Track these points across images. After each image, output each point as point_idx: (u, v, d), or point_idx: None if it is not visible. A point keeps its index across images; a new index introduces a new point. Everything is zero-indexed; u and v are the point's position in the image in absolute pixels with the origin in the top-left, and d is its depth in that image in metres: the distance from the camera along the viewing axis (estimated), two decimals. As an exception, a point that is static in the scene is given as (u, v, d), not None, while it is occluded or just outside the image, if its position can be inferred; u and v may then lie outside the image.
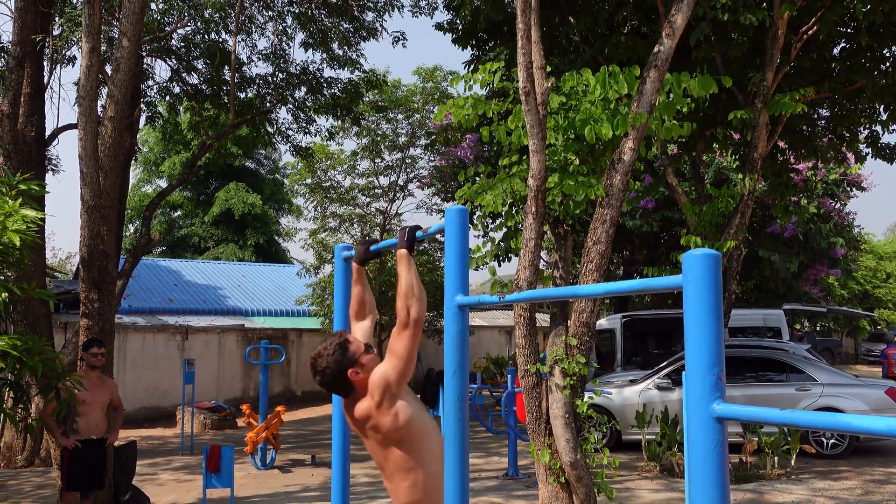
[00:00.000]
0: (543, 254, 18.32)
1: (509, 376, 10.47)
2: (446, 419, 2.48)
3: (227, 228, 34.15)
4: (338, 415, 3.55)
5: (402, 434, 2.91)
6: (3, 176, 5.94)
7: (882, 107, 11.15)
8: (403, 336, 2.90)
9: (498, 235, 12.66)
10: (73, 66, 13.32)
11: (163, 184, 35.94)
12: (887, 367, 22.01)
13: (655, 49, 5.66)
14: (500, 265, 15.28)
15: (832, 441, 10.96)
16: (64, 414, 6.41)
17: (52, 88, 12.58)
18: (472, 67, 11.76)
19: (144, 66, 13.59)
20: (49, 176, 12.56)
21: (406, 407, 2.93)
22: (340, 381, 2.98)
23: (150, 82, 15.08)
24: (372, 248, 3.22)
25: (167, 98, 15.54)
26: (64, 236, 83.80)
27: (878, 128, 11.61)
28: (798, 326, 34.66)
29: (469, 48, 11.96)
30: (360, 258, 3.24)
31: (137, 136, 13.82)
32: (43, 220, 6.10)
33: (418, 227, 2.95)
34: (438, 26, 12.05)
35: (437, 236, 2.89)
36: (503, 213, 6.27)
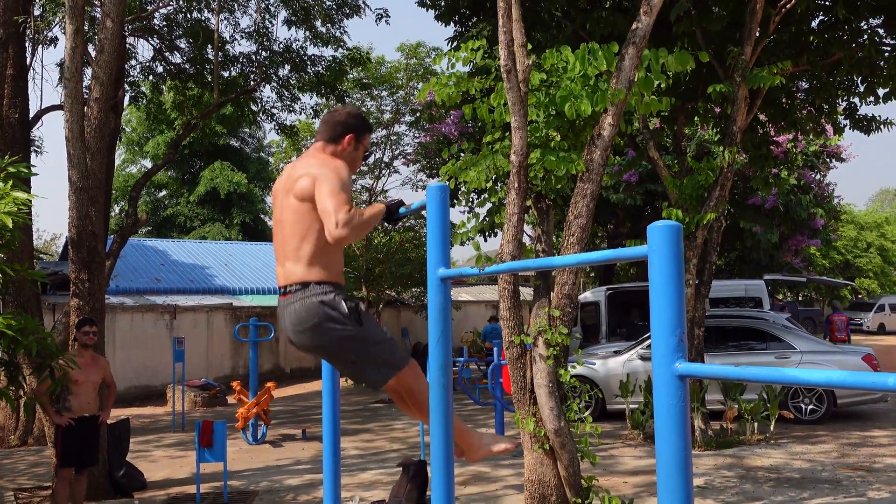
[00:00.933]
0: (527, 228, 18.47)
1: (495, 349, 10.65)
2: (432, 387, 2.63)
3: (212, 208, 34.09)
4: (328, 390, 3.68)
5: (313, 204, 2.94)
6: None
7: (859, 79, 11.32)
8: (326, 210, 2.87)
9: (482, 211, 12.80)
10: (54, 46, 13.28)
11: (147, 164, 35.78)
12: (830, 333, 22.49)
13: (633, 26, 5.77)
14: (485, 240, 15.41)
15: (810, 407, 11.25)
16: (58, 392, 6.53)
17: (34, 69, 12.55)
18: (454, 44, 11.82)
19: (127, 45, 13.54)
20: (33, 157, 12.55)
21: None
22: (341, 131, 3.17)
23: (133, 62, 15.03)
24: (401, 210, 3.20)
25: (150, 78, 15.49)
26: (48, 218, 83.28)
27: (856, 100, 11.78)
28: (780, 296, 35.10)
29: (452, 24, 12.00)
30: (394, 208, 3.18)
31: (121, 116, 13.80)
32: (30, 201, 6.17)
33: (402, 203, 3.07)
34: (421, 3, 12.05)
35: (423, 212, 2.94)
36: (487, 188, 6.40)
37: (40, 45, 13.04)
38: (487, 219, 7.14)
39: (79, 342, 6.88)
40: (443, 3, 11.71)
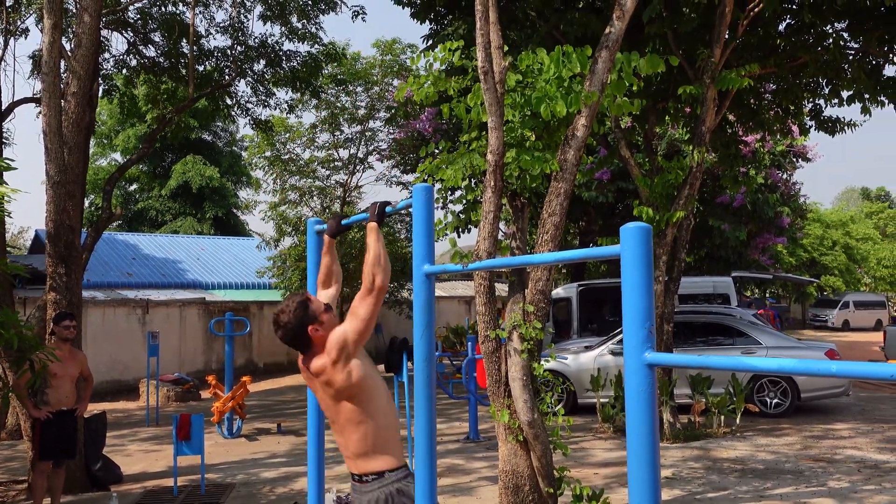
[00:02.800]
0: (502, 225, 18.66)
1: (469, 344, 10.81)
2: (416, 377, 2.76)
3: (184, 202, 33.89)
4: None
5: (354, 391, 3.13)
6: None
7: (825, 81, 11.63)
8: (366, 301, 3.12)
9: (457, 208, 12.94)
10: (25, 38, 13.18)
11: (117, 157, 35.46)
12: None
13: (607, 30, 5.94)
14: (459, 236, 15.56)
15: (775, 401, 11.55)
16: (38, 386, 6.57)
17: (5, 62, 12.46)
18: (430, 42, 11.93)
19: (101, 39, 13.47)
20: (5, 151, 12.45)
21: (360, 366, 3.15)
22: (300, 336, 3.20)
23: (107, 55, 14.94)
24: (343, 221, 3.45)
25: (124, 71, 15.41)
26: (16, 211, 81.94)
27: (821, 101, 12.10)
28: (747, 293, 35.69)
29: (427, 22, 12.11)
30: (332, 231, 3.47)
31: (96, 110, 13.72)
32: (6, 195, 6.20)
33: (388, 203, 3.20)
34: (397, 0, 12.15)
35: (401, 211, 3.12)
36: (463, 186, 6.54)
37: (12, 37, 12.94)
38: (462, 216, 7.27)
39: (58, 336, 6.91)
40: (418, 1, 11.81)
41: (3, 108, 12.02)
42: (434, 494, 2.72)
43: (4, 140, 14.66)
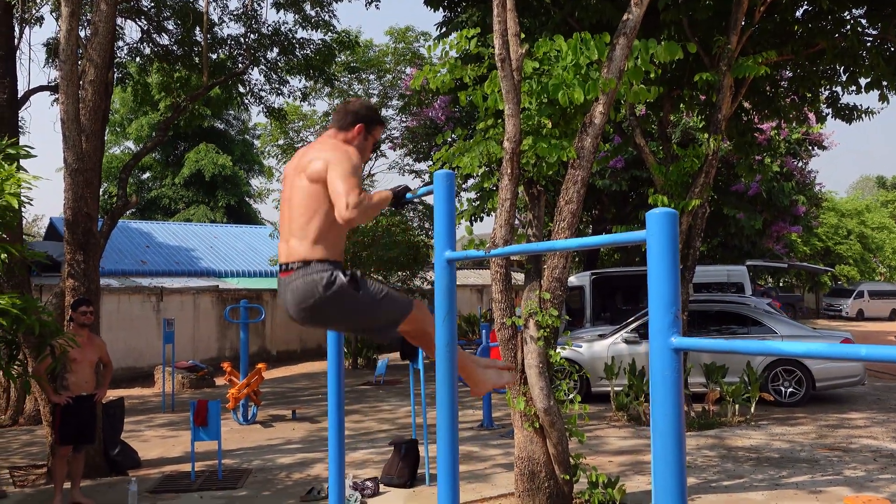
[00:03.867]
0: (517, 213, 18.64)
1: (483, 332, 10.83)
2: (438, 363, 2.77)
3: (197, 190, 34.01)
4: (333, 370, 3.81)
5: (324, 186, 3.09)
6: (-10, 140, 6.06)
7: (842, 68, 11.51)
8: (338, 195, 3.01)
9: (471, 196, 12.95)
10: (40, 26, 13.25)
11: (130, 145, 35.61)
12: None
13: (624, 17, 5.91)
14: (471, 224, 15.58)
15: (790, 390, 11.52)
16: (58, 371, 6.64)
17: (20, 50, 12.50)
18: (443, 29, 11.90)
19: (115, 27, 13.51)
20: (22, 138, 12.53)
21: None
22: (349, 121, 3.33)
23: (121, 43, 14.99)
24: (407, 195, 3.36)
25: (137, 59, 15.46)
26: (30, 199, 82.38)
27: (838, 89, 11.99)
28: (761, 282, 35.55)
29: (441, 9, 12.07)
30: (398, 200, 3.35)
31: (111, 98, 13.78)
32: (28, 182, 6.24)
33: (408, 189, 3.20)
34: (411, -12, 12.12)
35: (424, 198, 3.09)
36: (479, 174, 6.54)
37: (27, 25, 13.00)
38: (477, 203, 7.28)
39: (76, 322, 6.98)
40: (432, -11, 11.77)
41: (20, 96, 12.09)
42: (457, 481, 2.74)
43: (20, 128, 14.76)
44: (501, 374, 3.28)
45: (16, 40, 12.08)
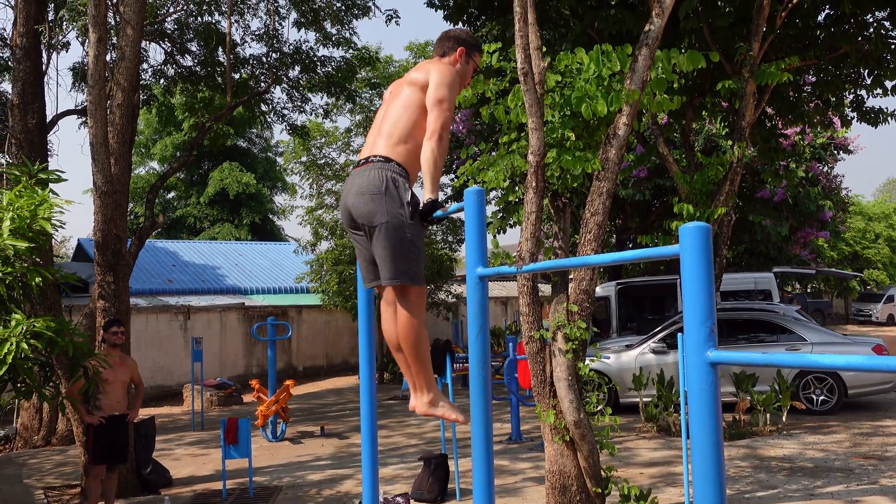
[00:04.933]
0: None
1: (510, 345, 10.81)
2: (472, 378, 2.78)
3: (222, 208, 34.32)
4: (366, 384, 3.83)
5: (425, 115, 3.24)
6: (22, 164, 6.17)
7: (866, 71, 11.41)
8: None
9: (495, 209, 12.96)
10: (66, 51, 13.49)
11: (155, 166, 36.02)
12: None
13: (646, 28, 5.91)
14: (494, 237, 15.60)
15: (822, 398, 11.37)
16: (91, 392, 6.72)
17: (48, 75, 12.73)
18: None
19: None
20: (52, 162, 12.74)
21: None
22: (453, 44, 3.50)
23: (145, 66, 15.20)
24: (437, 212, 3.28)
25: (161, 81, 15.67)
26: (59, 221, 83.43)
27: (863, 92, 11.87)
28: (789, 289, 35.15)
29: (461, 24, 12.13)
30: (426, 216, 3.31)
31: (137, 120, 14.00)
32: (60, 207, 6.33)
33: (439, 205, 3.21)
34: (430, 3, 12.19)
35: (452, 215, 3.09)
36: (504, 188, 6.56)
37: (54, 51, 13.24)
38: (502, 216, 7.29)
39: (108, 342, 7.07)
40: (451, 3, 11.84)
41: (48, 120, 12.30)
42: (492, 496, 2.74)
43: (48, 151, 15.01)
44: (450, 412, 3.27)
45: (44, 66, 12.31)
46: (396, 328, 3.26)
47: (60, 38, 13.27)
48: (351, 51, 15.39)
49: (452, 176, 17.88)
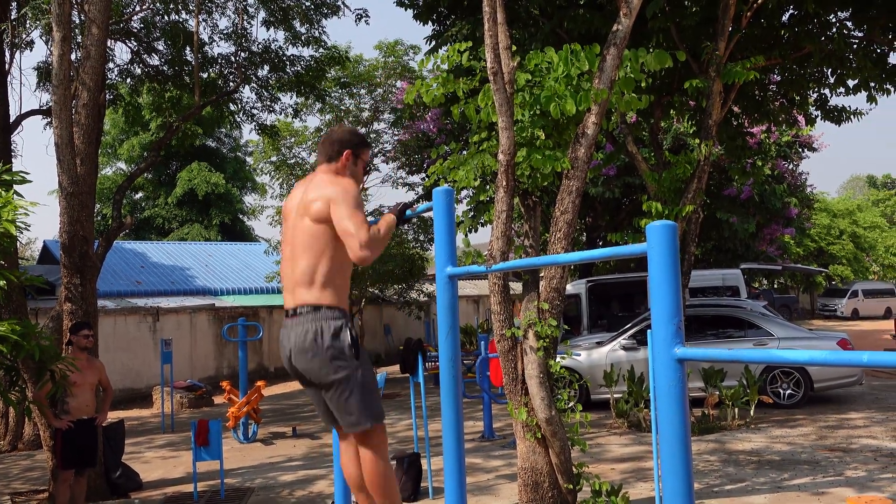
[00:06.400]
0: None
1: (482, 343, 10.84)
2: (442, 376, 2.80)
3: (191, 209, 33.99)
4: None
5: (332, 226, 3.07)
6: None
7: (829, 71, 11.61)
8: (348, 235, 3.00)
9: (465, 208, 12.98)
10: (30, 50, 13.27)
11: (122, 166, 35.57)
12: None
13: (614, 28, 5.97)
14: (465, 235, 15.63)
15: (789, 392, 11.55)
16: (59, 396, 6.63)
17: (11, 75, 12.52)
18: (433, 43, 11.96)
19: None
20: (16, 163, 12.54)
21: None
22: (338, 148, 3.31)
23: (111, 65, 15.00)
24: (408, 213, 3.36)
25: (128, 80, 15.48)
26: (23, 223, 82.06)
27: (827, 91, 12.08)
28: (756, 285, 35.64)
29: (430, 23, 12.12)
30: (399, 220, 3.34)
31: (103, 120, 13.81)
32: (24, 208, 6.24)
33: (408, 206, 3.23)
34: (399, 2, 12.17)
35: (422, 214, 3.08)
36: (475, 187, 6.58)
37: (17, 50, 13.02)
38: (473, 215, 7.31)
39: (76, 345, 6.97)
40: (421, 3, 11.82)
41: (12, 120, 12.10)
42: (464, 493, 2.76)
43: (12, 152, 14.76)
44: None
45: (7, 65, 12.11)
46: (359, 470, 3.22)
47: (24, 36, 13.07)
48: (321, 50, 15.33)
49: (423, 175, 17.91)
